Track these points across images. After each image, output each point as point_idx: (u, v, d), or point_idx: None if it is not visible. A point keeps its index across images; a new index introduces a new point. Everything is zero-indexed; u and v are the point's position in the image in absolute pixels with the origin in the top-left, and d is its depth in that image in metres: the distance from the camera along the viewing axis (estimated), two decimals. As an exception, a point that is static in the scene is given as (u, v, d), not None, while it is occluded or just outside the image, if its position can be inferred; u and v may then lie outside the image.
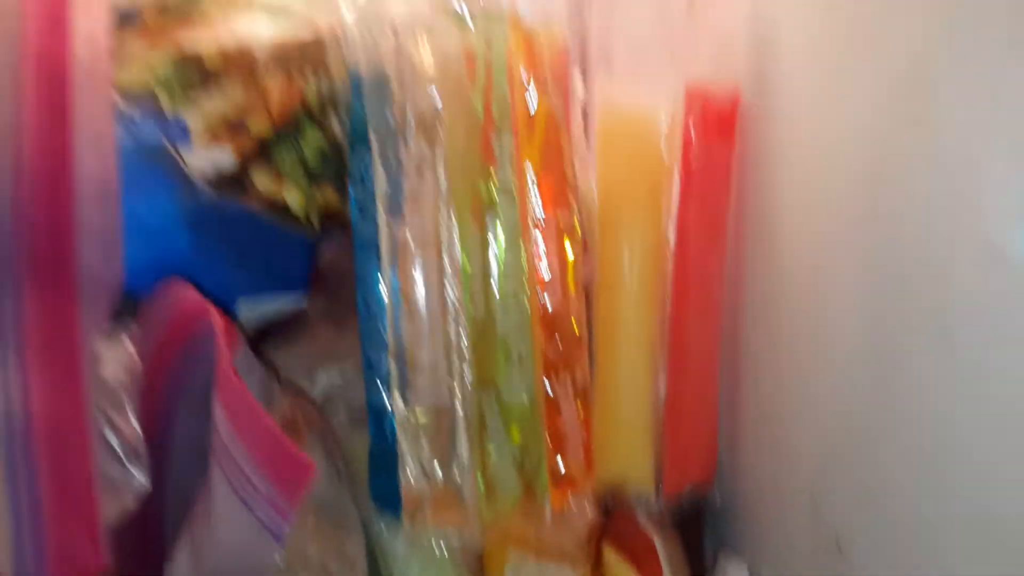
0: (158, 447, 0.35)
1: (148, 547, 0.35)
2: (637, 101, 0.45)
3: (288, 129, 0.44)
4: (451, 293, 0.42)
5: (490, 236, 0.42)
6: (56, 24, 0.30)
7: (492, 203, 0.42)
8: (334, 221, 0.47)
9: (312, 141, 0.45)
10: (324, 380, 0.49)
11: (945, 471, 0.30)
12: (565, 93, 0.44)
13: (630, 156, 0.45)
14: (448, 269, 0.42)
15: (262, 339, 0.47)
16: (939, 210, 0.30)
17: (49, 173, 0.29)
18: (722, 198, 0.46)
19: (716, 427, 0.48)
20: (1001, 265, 0.26)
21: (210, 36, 0.45)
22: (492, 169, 0.42)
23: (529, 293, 0.43)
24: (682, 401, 0.45)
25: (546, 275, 0.44)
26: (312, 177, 0.45)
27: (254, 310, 0.47)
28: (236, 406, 0.30)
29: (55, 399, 0.28)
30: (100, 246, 0.31)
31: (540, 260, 0.44)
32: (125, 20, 0.44)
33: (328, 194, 0.46)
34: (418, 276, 0.42)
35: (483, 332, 0.42)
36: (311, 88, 0.44)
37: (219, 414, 0.31)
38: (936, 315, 0.30)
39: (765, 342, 0.45)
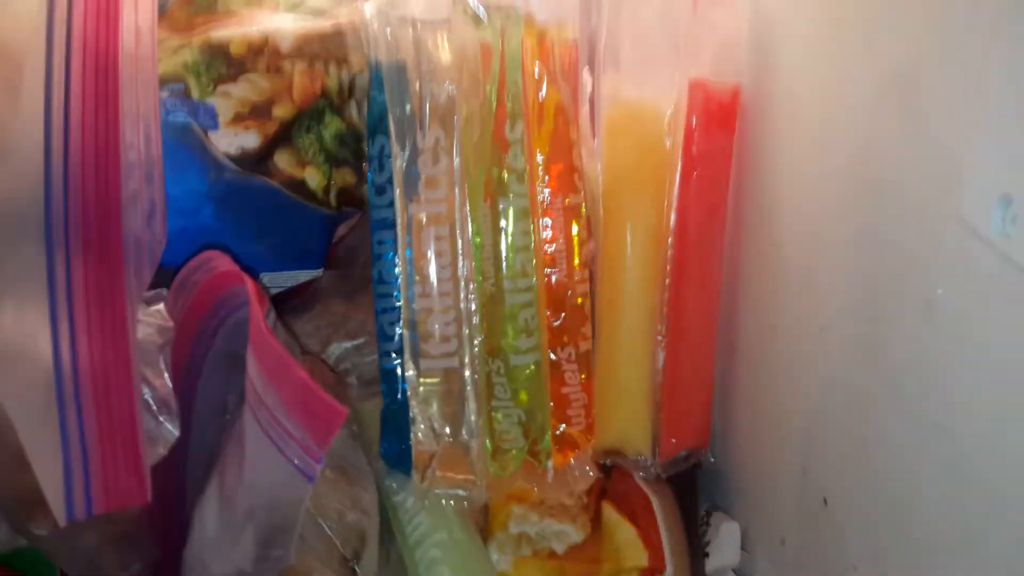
0: (184, 401, 0.38)
1: (169, 491, 0.38)
2: (642, 94, 0.47)
3: (309, 115, 0.47)
4: (463, 268, 0.45)
5: (501, 216, 0.45)
6: (108, 20, 0.33)
7: (503, 186, 0.45)
8: (350, 201, 0.50)
9: (332, 126, 0.47)
10: (336, 351, 0.52)
11: (926, 434, 0.33)
12: (574, 86, 0.47)
13: (634, 144, 0.48)
14: (461, 246, 0.45)
15: (279, 309, 0.50)
16: (922, 195, 0.32)
17: (98, 150, 0.32)
18: (722, 184, 0.48)
19: (711, 396, 0.51)
20: (978, 243, 0.29)
21: (236, 27, 0.48)
22: (504, 155, 0.44)
23: (536, 268, 0.45)
24: (679, 372, 0.48)
25: (553, 252, 0.47)
26: (331, 159, 0.48)
27: (275, 283, 0.50)
28: (269, 357, 0.33)
29: (103, 350, 0.31)
30: (144, 215, 0.34)
31: (547, 239, 0.47)
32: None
33: (346, 175, 0.49)
34: (431, 252, 0.45)
35: (493, 304, 0.45)
36: (331, 77, 0.47)
37: (253, 365, 0.34)
38: (920, 290, 0.33)
39: (760, 316, 0.48)
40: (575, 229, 0.47)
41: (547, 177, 0.46)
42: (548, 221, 0.47)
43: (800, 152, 0.43)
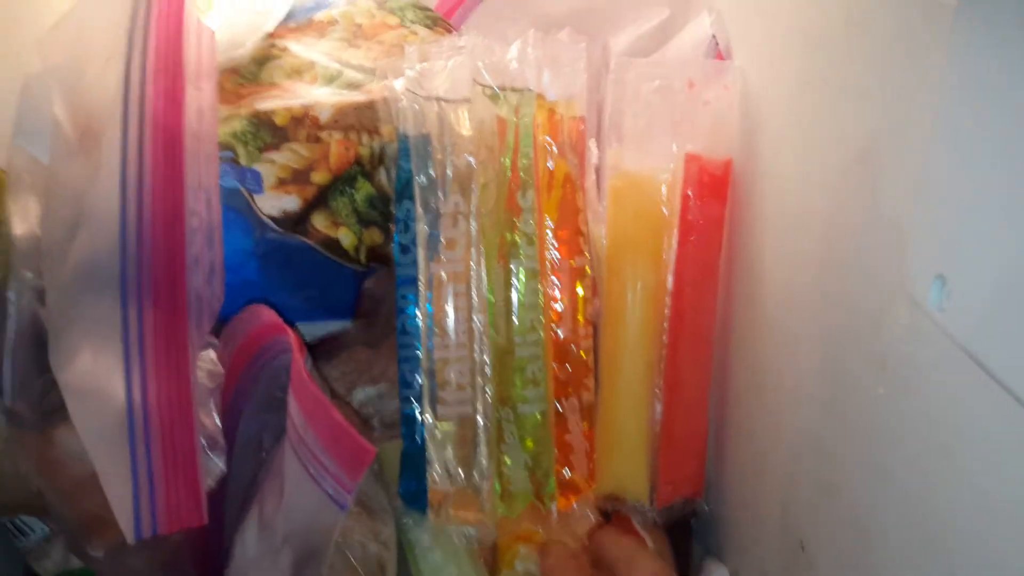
0: (226, 437, 0.42)
1: (209, 521, 0.42)
2: (642, 165, 0.52)
3: (343, 180, 0.52)
4: (478, 323, 0.49)
5: (513, 276, 0.49)
6: (174, 102, 0.38)
7: (515, 248, 0.49)
8: (377, 258, 0.55)
9: (363, 190, 0.52)
10: (360, 396, 0.57)
11: (885, 478, 0.36)
12: (581, 157, 0.52)
13: (635, 211, 0.52)
14: (476, 302, 0.49)
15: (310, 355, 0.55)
16: (877, 265, 0.36)
17: (166, 217, 0.37)
18: (715, 249, 0.53)
19: (705, 447, 0.54)
20: (920, 314, 0.33)
21: (279, 99, 0.53)
22: (516, 220, 0.49)
23: (544, 324, 0.50)
24: (675, 423, 0.52)
25: (559, 310, 0.51)
26: (362, 220, 0.53)
27: (309, 332, 0.54)
28: (308, 400, 0.37)
29: (168, 392, 0.35)
30: (205, 275, 0.38)
31: (555, 297, 0.51)
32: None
33: (374, 235, 0.54)
34: (450, 308, 0.49)
35: (504, 356, 0.49)
36: (364, 145, 0.52)
37: (293, 406, 0.38)
38: (875, 352, 0.36)
39: (747, 372, 0.52)
40: (580, 289, 0.51)
41: (556, 240, 0.51)
42: (556, 280, 0.51)
43: (780, 222, 0.47)
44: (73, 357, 0.34)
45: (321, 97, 0.54)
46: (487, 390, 0.49)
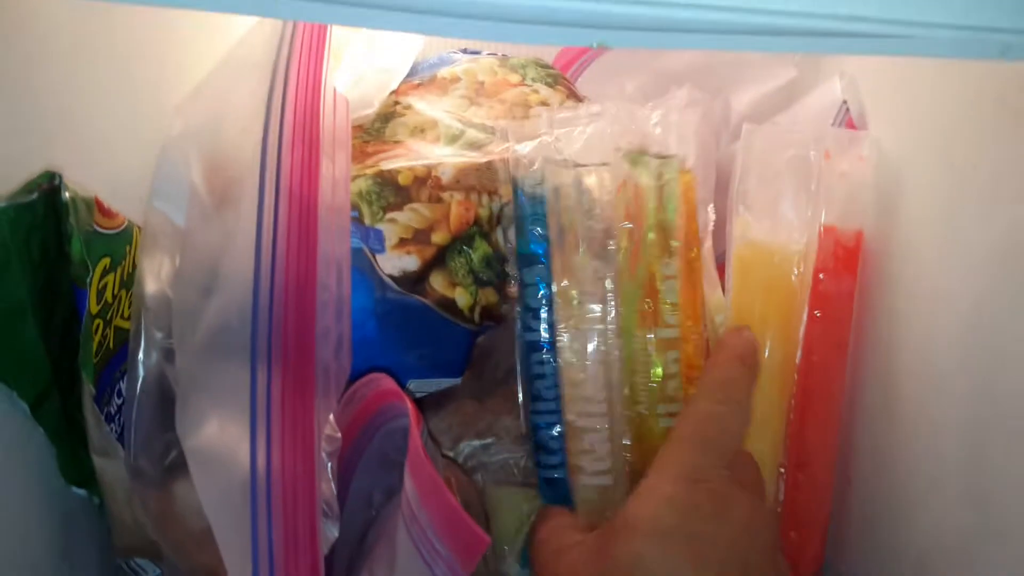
0: (338, 495, 0.42)
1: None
2: (771, 235, 0.50)
3: (462, 240, 0.52)
4: (616, 391, 0.48)
5: (653, 345, 0.48)
6: (310, 175, 0.39)
7: (657, 317, 0.48)
8: (490, 316, 0.54)
9: (480, 250, 0.52)
10: (466, 449, 0.56)
11: None
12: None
13: (763, 282, 0.50)
14: (615, 370, 0.48)
15: (418, 404, 0.55)
16: None
17: (298, 289, 0.37)
18: (845, 324, 0.50)
19: (827, 527, 0.52)
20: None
21: (403, 158, 0.54)
22: (659, 286, 0.48)
23: (685, 396, 0.48)
24: (798, 504, 0.49)
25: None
26: (478, 281, 0.52)
27: (420, 388, 0.55)
28: (424, 480, 0.37)
29: (292, 463, 0.35)
30: (333, 349, 0.39)
31: (693, 367, 0.49)
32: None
33: (489, 295, 0.53)
34: (586, 375, 0.48)
35: (644, 426, 0.48)
36: (483, 206, 0.52)
37: (409, 485, 0.38)
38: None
39: (874, 456, 0.49)
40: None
41: (691, 308, 0.49)
42: (690, 350, 0.49)
43: (917, 302, 0.45)
44: (200, 424, 0.35)
45: (444, 157, 0.54)
46: (626, 458, 0.48)
